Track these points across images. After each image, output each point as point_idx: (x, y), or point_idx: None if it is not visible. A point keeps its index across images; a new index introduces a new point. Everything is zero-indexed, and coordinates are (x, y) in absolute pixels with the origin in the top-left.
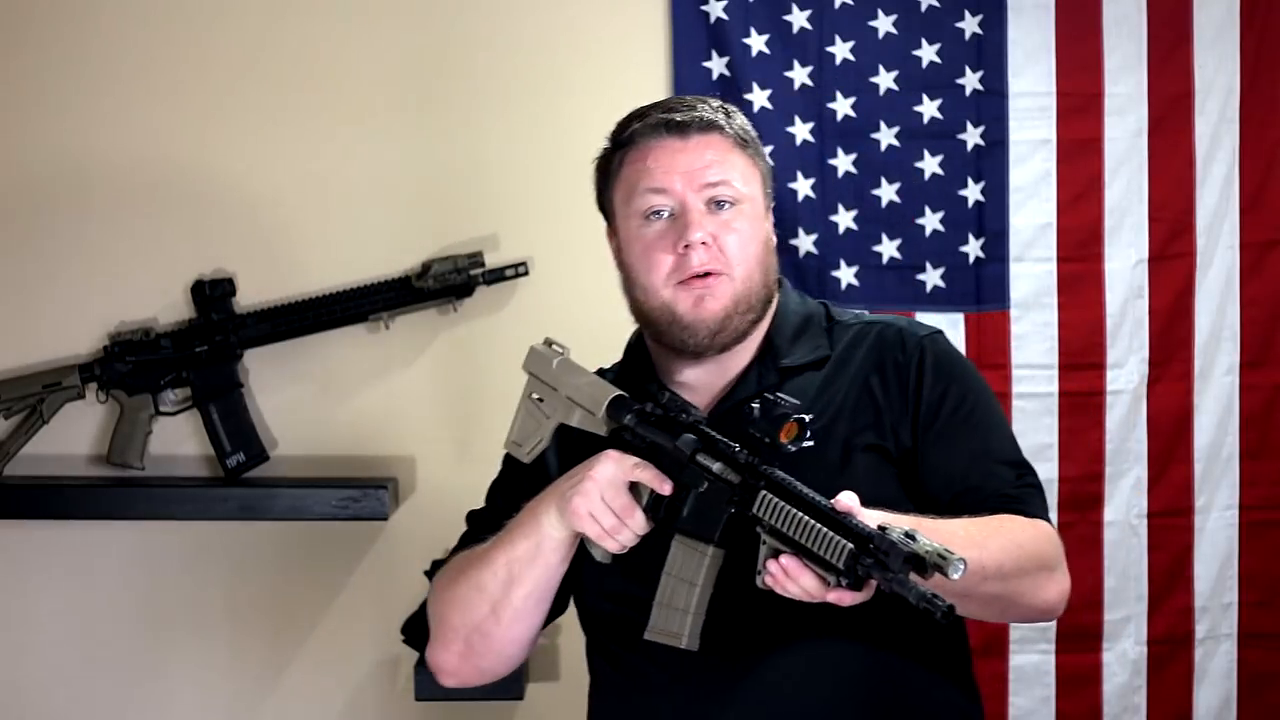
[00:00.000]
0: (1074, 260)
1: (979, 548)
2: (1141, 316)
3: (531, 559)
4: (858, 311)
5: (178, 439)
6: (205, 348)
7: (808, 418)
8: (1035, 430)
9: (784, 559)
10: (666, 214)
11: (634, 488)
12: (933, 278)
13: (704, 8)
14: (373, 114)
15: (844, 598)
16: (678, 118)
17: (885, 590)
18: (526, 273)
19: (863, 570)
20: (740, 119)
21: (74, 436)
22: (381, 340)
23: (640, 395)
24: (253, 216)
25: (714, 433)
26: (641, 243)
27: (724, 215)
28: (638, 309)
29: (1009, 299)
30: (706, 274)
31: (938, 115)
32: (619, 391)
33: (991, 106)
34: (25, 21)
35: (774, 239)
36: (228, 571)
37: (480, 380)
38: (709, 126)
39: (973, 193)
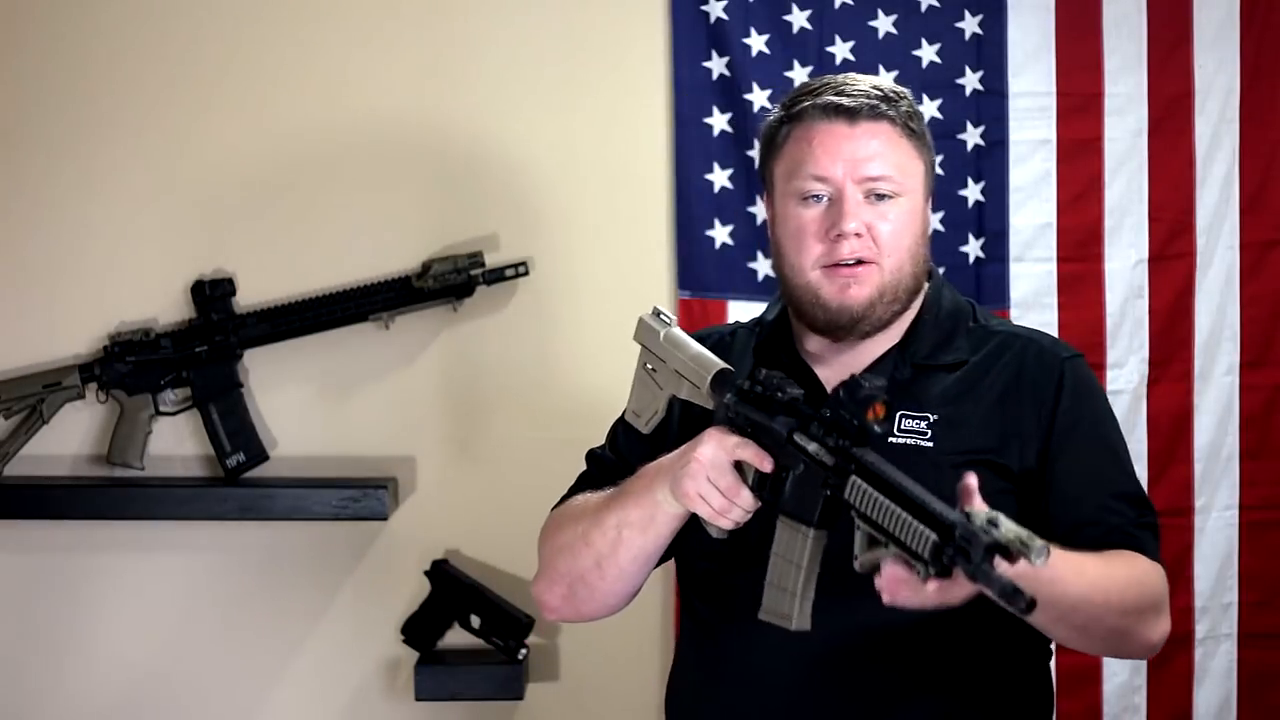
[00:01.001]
0: (1074, 260)
1: (1108, 580)
2: (1141, 316)
3: (643, 527)
4: (1004, 320)
5: (178, 439)
6: (205, 348)
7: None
8: None
9: (886, 571)
10: (824, 199)
11: (740, 466)
12: None
13: (704, 8)
14: (373, 114)
15: (943, 590)
16: (847, 102)
17: (969, 578)
18: (526, 273)
19: (947, 559)
20: (908, 103)
21: (74, 436)
22: (381, 340)
23: (768, 364)
24: (253, 216)
25: (810, 412)
26: (796, 222)
27: (881, 206)
28: (784, 283)
29: (1009, 299)
30: (856, 262)
31: (938, 115)
32: (722, 365)
33: (991, 106)
34: (23, 21)
35: (930, 228)
36: (228, 571)
37: (480, 380)
38: (878, 114)
39: (973, 193)
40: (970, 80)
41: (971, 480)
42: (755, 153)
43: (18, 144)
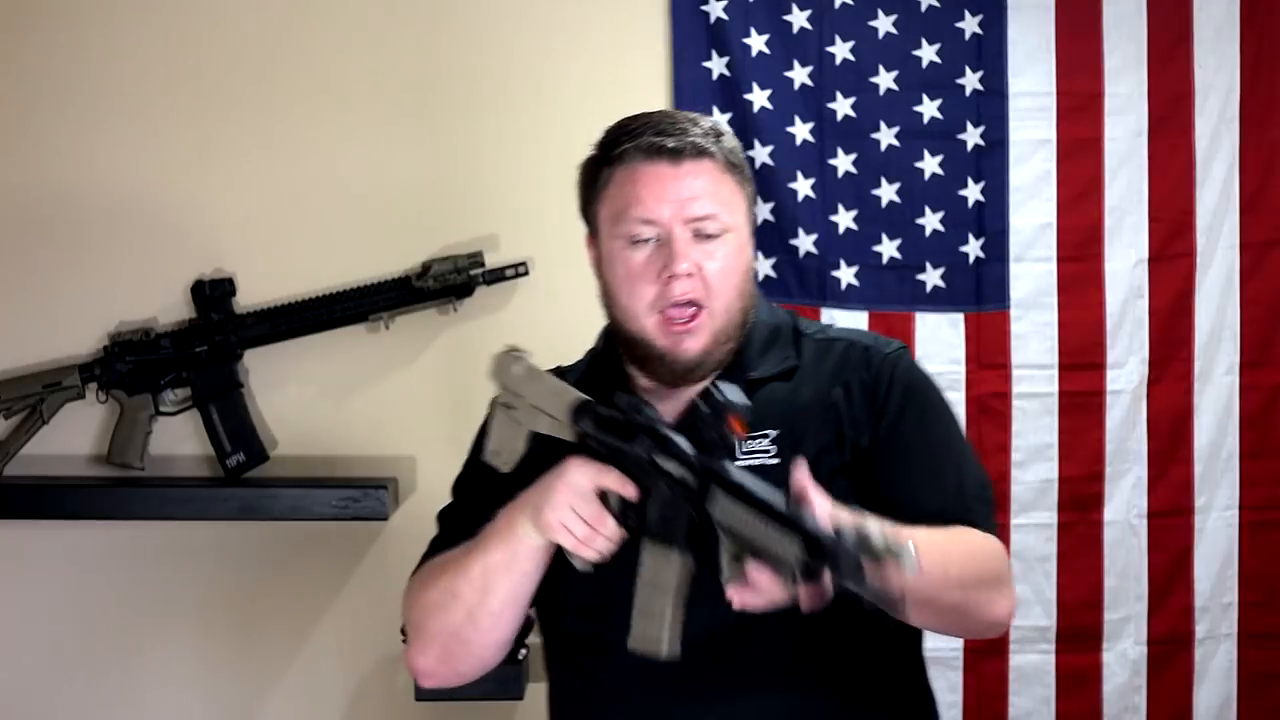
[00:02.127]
0: (1074, 260)
1: (944, 555)
2: (1141, 316)
3: (507, 567)
4: (824, 325)
5: (178, 439)
6: (205, 348)
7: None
8: (1035, 430)
9: (748, 578)
10: (652, 240)
11: (603, 494)
12: (933, 278)
13: (704, 8)
14: (372, 115)
15: (806, 596)
16: (670, 143)
17: (838, 589)
18: (526, 273)
19: (815, 567)
20: (730, 140)
21: (74, 436)
22: (381, 340)
23: (605, 398)
24: (253, 217)
25: (669, 433)
26: (625, 267)
27: (709, 246)
28: (615, 327)
29: (1009, 299)
30: (688, 303)
31: (938, 115)
32: (582, 397)
33: (991, 106)
34: (23, 21)
35: (754, 262)
36: (228, 571)
37: (480, 380)
38: (701, 153)
39: (973, 193)
40: (970, 80)
41: (801, 476)
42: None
43: (18, 144)
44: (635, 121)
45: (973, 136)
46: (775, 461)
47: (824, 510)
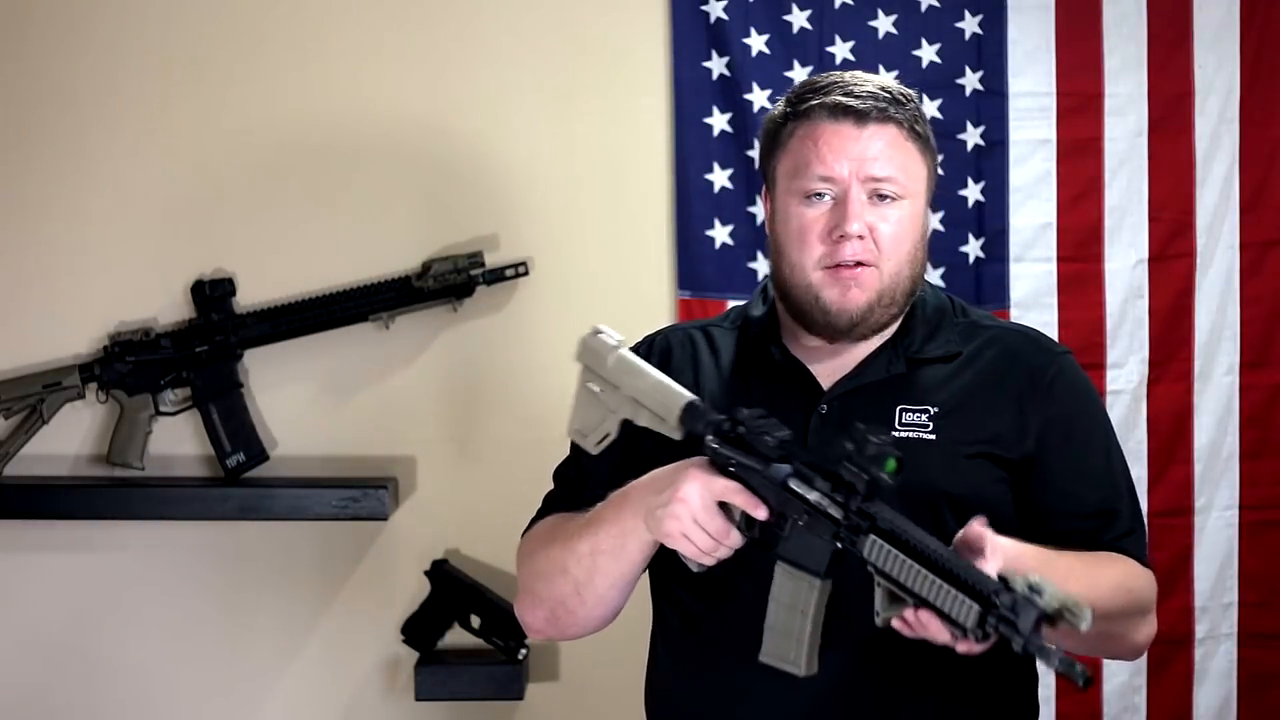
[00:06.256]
0: (1074, 260)
1: (1092, 590)
2: (1141, 316)
3: (616, 554)
4: (985, 313)
5: (178, 439)
6: (205, 348)
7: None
8: None
9: (909, 615)
10: (828, 199)
11: (725, 505)
12: (932, 277)
13: (704, 8)
14: (373, 114)
15: (974, 649)
16: (856, 104)
17: (1020, 650)
18: (526, 273)
19: (991, 629)
20: (915, 106)
21: (74, 436)
22: (381, 340)
23: (757, 359)
24: (253, 216)
25: (809, 460)
26: (798, 221)
27: (883, 208)
28: (780, 282)
29: (1009, 299)
30: (856, 264)
31: (938, 115)
32: (690, 397)
33: (991, 106)
34: (23, 21)
35: (930, 231)
36: (228, 571)
37: (480, 380)
38: (886, 117)
39: (973, 193)
40: (970, 80)
41: (980, 529)
42: (755, 150)
43: (17, 144)
44: (824, 80)
45: (973, 136)
46: (933, 437)
47: (997, 551)
